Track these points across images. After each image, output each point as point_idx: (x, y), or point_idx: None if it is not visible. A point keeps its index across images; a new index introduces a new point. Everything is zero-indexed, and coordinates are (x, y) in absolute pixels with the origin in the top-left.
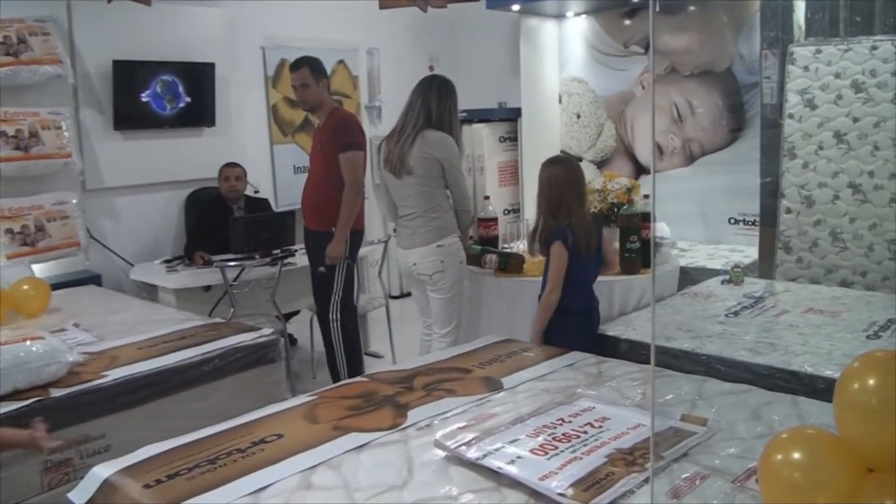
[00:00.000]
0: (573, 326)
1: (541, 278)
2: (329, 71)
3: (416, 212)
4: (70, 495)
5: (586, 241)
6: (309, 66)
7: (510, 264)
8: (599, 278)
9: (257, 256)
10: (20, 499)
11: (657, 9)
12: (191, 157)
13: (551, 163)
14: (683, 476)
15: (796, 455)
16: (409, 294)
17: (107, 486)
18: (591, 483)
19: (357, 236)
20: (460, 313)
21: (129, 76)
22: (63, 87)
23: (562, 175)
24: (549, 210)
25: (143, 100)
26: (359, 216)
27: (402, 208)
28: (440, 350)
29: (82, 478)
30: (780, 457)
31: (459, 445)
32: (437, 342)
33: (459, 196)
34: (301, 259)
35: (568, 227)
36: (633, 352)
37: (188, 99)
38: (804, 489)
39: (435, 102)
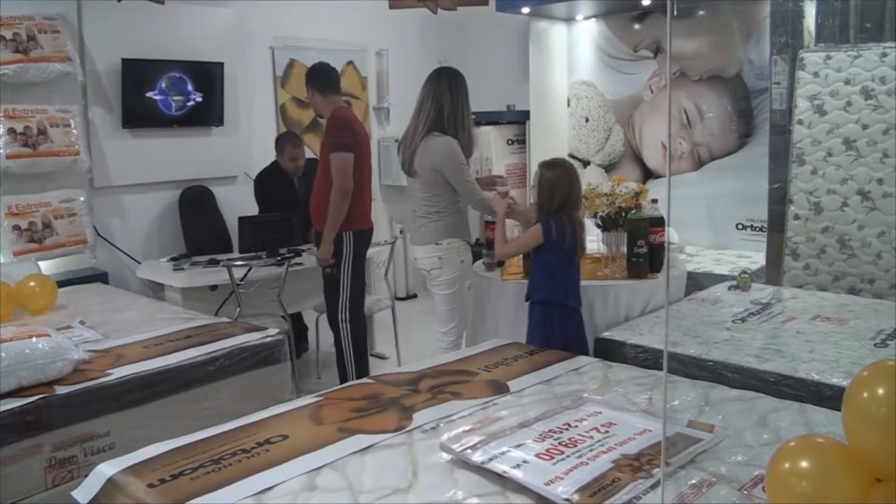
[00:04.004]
0: (575, 325)
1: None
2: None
3: (420, 212)
4: (74, 493)
5: (578, 246)
6: (306, 79)
7: None
8: (606, 282)
9: (264, 256)
10: (24, 496)
11: (674, 13)
12: (199, 156)
13: (552, 166)
14: (690, 483)
15: (804, 464)
16: (415, 296)
17: (111, 484)
18: (598, 489)
19: (363, 235)
20: (461, 314)
21: (138, 75)
22: (72, 84)
23: (563, 179)
24: (547, 212)
25: (152, 98)
26: (366, 215)
27: (414, 206)
28: (441, 349)
29: (86, 476)
30: (787, 465)
31: (465, 449)
32: (438, 340)
33: (465, 195)
34: (308, 259)
35: (559, 221)
36: (640, 357)
37: (197, 98)
38: (812, 498)
39: (448, 97)
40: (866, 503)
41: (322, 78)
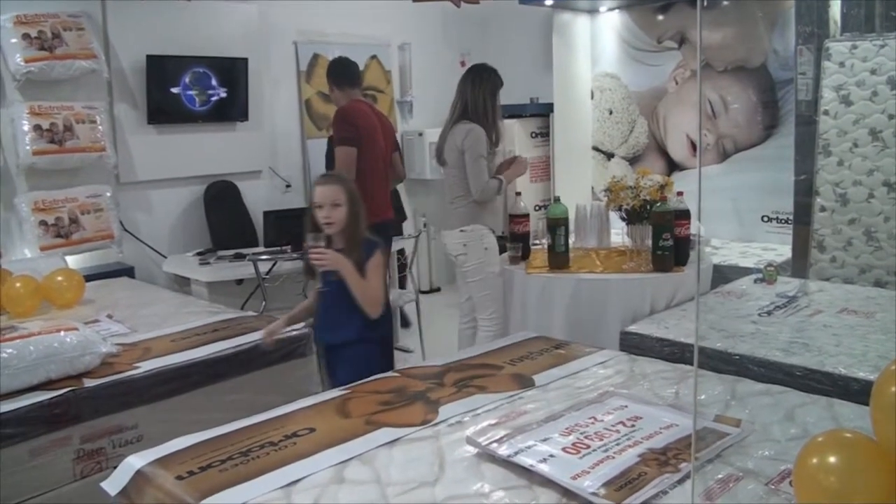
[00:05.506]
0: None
1: (573, 275)
2: (362, 66)
3: (449, 198)
4: (103, 485)
5: None
6: (326, 74)
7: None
8: (631, 276)
9: (289, 250)
10: (52, 487)
11: (704, 3)
12: (223, 151)
13: (343, 178)
14: (717, 477)
15: (832, 459)
16: (438, 289)
17: (140, 476)
18: (624, 483)
19: (377, 228)
20: (496, 301)
21: (162, 71)
22: (97, 81)
23: (357, 190)
24: (359, 227)
25: (176, 94)
26: (380, 207)
27: (446, 194)
28: (487, 337)
29: (114, 467)
30: (815, 460)
31: (491, 442)
32: (481, 330)
33: (471, 178)
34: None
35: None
36: (666, 350)
37: (221, 93)
38: (840, 494)
39: (469, 91)
40: (894, 499)
41: (338, 72)
